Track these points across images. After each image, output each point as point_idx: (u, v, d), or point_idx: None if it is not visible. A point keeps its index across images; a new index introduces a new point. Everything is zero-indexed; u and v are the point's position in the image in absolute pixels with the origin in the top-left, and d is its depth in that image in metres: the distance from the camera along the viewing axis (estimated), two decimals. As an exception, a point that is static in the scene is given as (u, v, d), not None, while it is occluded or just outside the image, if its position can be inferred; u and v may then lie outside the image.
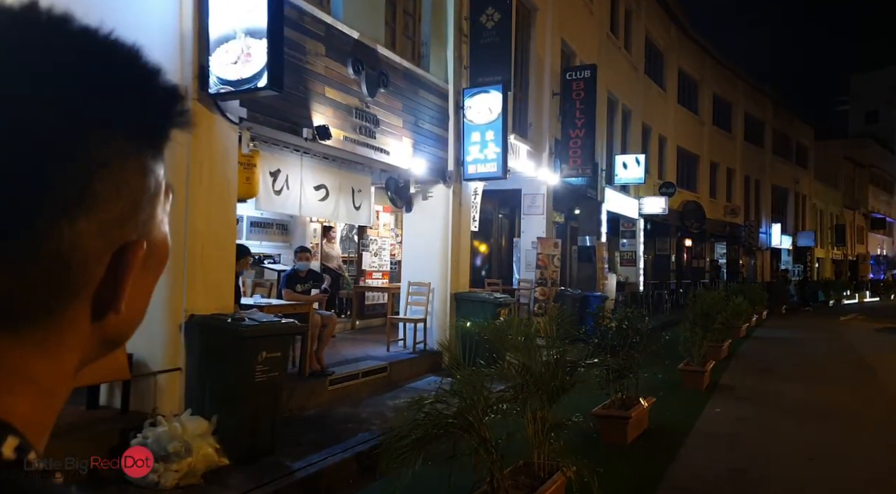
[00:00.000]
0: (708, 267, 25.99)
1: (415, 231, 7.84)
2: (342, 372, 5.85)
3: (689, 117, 23.77)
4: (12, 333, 0.37)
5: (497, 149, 7.54)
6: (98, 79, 0.38)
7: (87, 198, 0.37)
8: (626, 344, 5.24)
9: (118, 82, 0.39)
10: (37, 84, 0.36)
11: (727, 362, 9.92)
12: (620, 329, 5.28)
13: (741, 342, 12.75)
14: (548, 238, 11.02)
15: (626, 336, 5.26)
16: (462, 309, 7.71)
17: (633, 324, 5.32)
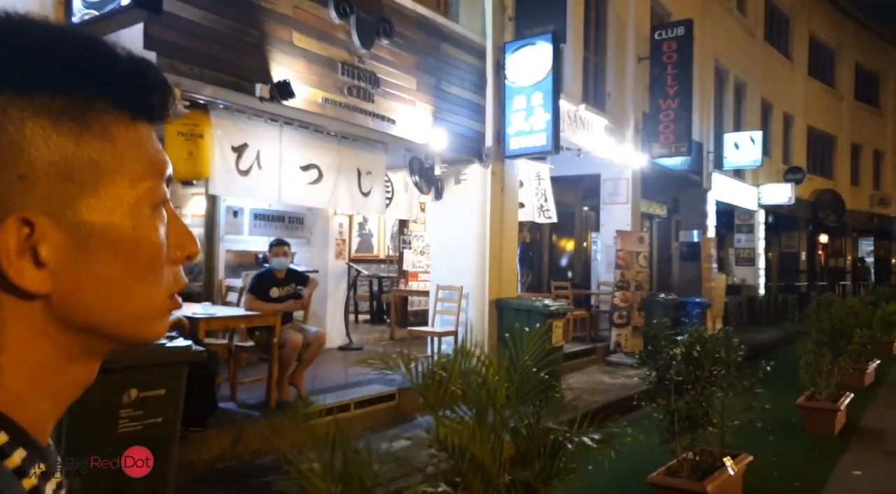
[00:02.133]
0: (849, 266, 22.09)
1: (446, 222, 6.46)
2: (328, 401, 4.60)
3: (823, 91, 20.25)
4: None
5: (546, 116, 5.97)
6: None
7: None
8: (700, 378, 3.52)
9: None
10: None
11: (872, 392, 7.56)
12: (690, 357, 3.56)
13: (894, 363, 10.03)
14: (631, 231, 9.15)
15: (700, 366, 3.54)
16: (505, 319, 6.22)
17: (711, 350, 3.58)
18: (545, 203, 8.42)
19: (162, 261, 0.45)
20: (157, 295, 0.45)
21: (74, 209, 0.40)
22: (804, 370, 5.73)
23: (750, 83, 15.65)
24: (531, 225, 11.79)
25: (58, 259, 0.40)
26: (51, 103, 0.39)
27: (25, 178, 0.38)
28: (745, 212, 16.09)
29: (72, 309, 0.42)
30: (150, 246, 0.44)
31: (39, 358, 0.42)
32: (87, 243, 0.41)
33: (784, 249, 19.57)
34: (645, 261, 8.97)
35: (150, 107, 0.43)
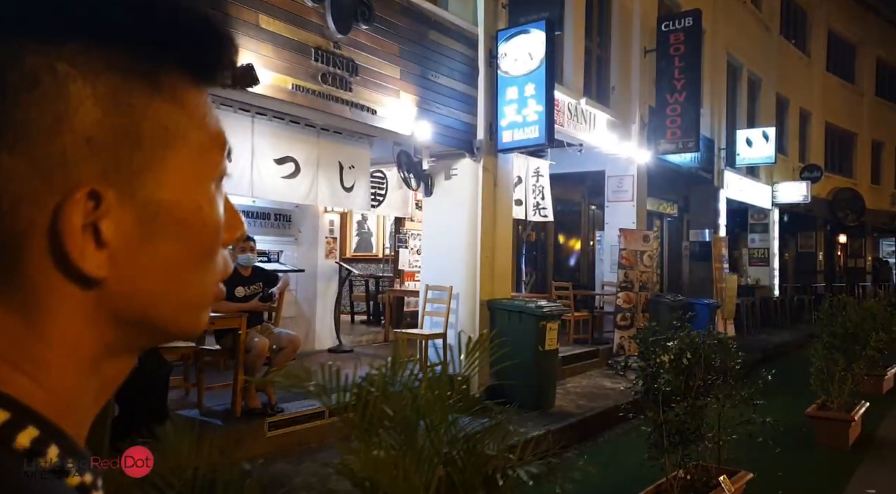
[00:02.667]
0: (870, 267, 21.43)
1: (435, 219, 6.17)
2: (298, 409, 4.33)
3: (843, 87, 19.65)
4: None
5: (539, 108, 5.66)
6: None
7: (4, 128, 0.32)
8: (691, 389, 3.20)
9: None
10: None
11: (891, 400, 7.14)
12: (679, 365, 3.24)
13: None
14: (635, 230, 8.79)
15: (691, 375, 3.22)
16: (497, 321, 5.92)
17: (704, 357, 3.26)
18: (542, 201, 8.11)
19: (220, 243, 0.41)
20: (212, 282, 0.41)
21: (142, 182, 0.36)
22: (815, 376, 5.35)
23: (765, 79, 15.16)
24: (536, 223, 11.48)
25: (121, 239, 0.36)
26: (121, 57, 0.35)
27: (93, 143, 0.34)
28: (760, 211, 15.61)
29: (129, 296, 0.37)
30: (214, 226, 0.40)
31: (87, 354, 0.37)
32: (152, 222, 0.36)
33: (801, 249, 19.02)
34: (650, 261, 8.61)
35: (219, 68, 0.38)
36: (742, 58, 13.98)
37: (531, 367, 5.71)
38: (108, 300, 0.36)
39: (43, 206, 0.33)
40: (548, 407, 5.81)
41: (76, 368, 0.36)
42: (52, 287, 0.35)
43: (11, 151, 0.33)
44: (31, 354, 0.35)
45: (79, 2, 0.34)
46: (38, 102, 0.32)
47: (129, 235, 0.36)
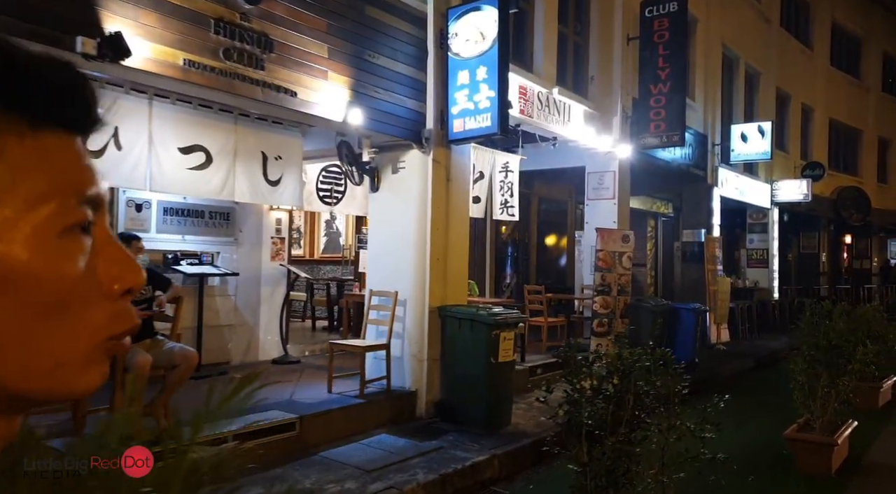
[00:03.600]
0: (876, 269, 20.69)
1: (382, 218, 5.62)
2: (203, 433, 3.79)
3: (848, 82, 18.93)
4: None
5: (490, 93, 5.09)
6: None
7: None
8: (620, 421, 2.64)
9: None
10: None
11: (887, 415, 6.53)
12: (604, 392, 2.67)
13: (917, 377, 8.91)
14: (613, 229, 8.21)
15: (622, 404, 2.65)
16: (448, 330, 5.36)
17: (631, 383, 2.69)
18: (510, 198, 7.55)
19: (82, 298, 0.38)
20: (81, 340, 0.38)
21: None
22: (797, 392, 4.76)
23: (764, 72, 14.52)
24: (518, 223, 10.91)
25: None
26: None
27: None
28: (758, 211, 14.97)
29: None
30: (57, 279, 0.36)
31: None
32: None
33: (803, 250, 18.34)
34: (629, 263, 8.02)
35: (57, 111, 0.36)
36: (739, 50, 13.34)
37: (483, 381, 5.16)
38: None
39: None
40: (503, 424, 5.25)
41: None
42: None
43: None
44: None
45: None
46: None
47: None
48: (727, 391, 7.93)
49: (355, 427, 4.64)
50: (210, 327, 5.70)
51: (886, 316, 7.62)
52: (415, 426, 5.04)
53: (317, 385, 5.24)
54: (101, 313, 0.38)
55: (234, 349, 6.11)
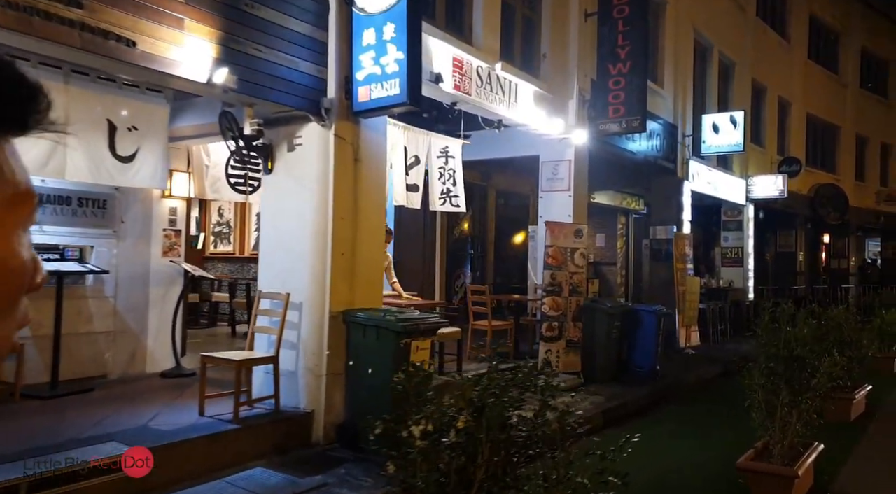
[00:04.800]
0: (854, 268, 20.21)
1: (276, 205, 4.80)
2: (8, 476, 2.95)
3: (826, 77, 18.42)
4: None
5: (399, 55, 4.30)
6: None
7: None
8: (473, 481, 1.85)
9: None
10: None
11: (859, 430, 5.84)
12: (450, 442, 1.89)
13: (894, 382, 8.28)
14: (565, 223, 7.45)
15: (472, 457, 1.87)
16: (353, 338, 4.56)
17: (485, 427, 1.91)
18: (453, 187, 6.76)
19: (23, 292, 0.41)
20: (11, 331, 0.41)
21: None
22: (755, 412, 4.03)
23: (739, 62, 13.89)
24: (473, 215, 10.15)
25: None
26: None
27: None
28: (733, 207, 14.34)
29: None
30: (20, 274, 0.40)
31: None
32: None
33: (780, 249, 17.78)
34: (582, 260, 7.27)
35: (14, 115, 0.39)
36: (712, 37, 12.69)
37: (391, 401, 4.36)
38: None
39: None
40: (415, 447, 4.45)
41: None
42: None
43: None
44: None
45: None
46: None
47: None
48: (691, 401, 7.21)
49: (226, 460, 3.81)
50: (77, 335, 4.85)
51: (860, 319, 6.97)
52: (305, 455, 4.22)
53: (188, 406, 4.40)
54: (22, 308, 0.41)
55: (114, 360, 5.25)
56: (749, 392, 3.97)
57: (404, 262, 9.14)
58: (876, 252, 22.24)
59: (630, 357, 7.80)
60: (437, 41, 5.70)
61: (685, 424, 6.07)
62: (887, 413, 6.64)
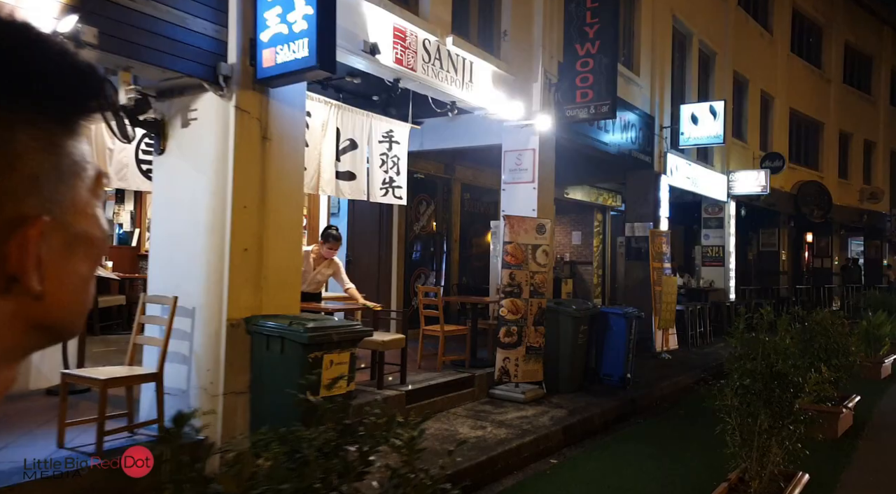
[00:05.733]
0: (837, 268, 19.81)
1: (168, 192, 4.06)
2: None
3: (809, 71, 17.96)
4: None
5: (307, 10, 3.57)
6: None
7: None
8: None
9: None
10: None
11: (850, 446, 5.21)
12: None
13: (882, 390, 7.71)
14: (525, 217, 6.76)
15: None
16: (257, 351, 3.83)
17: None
18: (396, 177, 6.04)
19: (101, 261, 0.47)
20: (90, 297, 0.46)
21: (65, 210, 0.42)
22: (728, 437, 3.36)
23: (720, 53, 13.33)
24: (436, 211, 9.45)
25: (53, 260, 0.41)
26: (47, 109, 0.41)
27: (36, 180, 0.40)
28: (714, 204, 13.78)
29: (48, 306, 0.42)
30: (102, 244, 0.46)
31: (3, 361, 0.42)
32: (73, 242, 0.43)
33: (763, 248, 17.29)
34: (545, 258, 6.59)
35: (97, 111, 0.44)
36: (692, 25, 12.10)
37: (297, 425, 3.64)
38: (30, 311, 0.41)
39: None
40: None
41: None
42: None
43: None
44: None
45: (23, 79, 0.39)
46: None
47: (58, 256, 0.41)
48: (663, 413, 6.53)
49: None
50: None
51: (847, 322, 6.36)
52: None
53: (71, 431, 3.63)
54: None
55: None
56: (721, 415, 3.30)
57: (358, 264, 8.42)
58: (859, 251, 21.88)
59: (598, 364, 7.15)
60: (373, 6, 4.98)
61: (654, 441, 5.41)
62: (877, 427, 6.04)
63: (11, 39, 0.39)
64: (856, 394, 6.09)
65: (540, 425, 5.46)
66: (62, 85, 0.41)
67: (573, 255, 14.19)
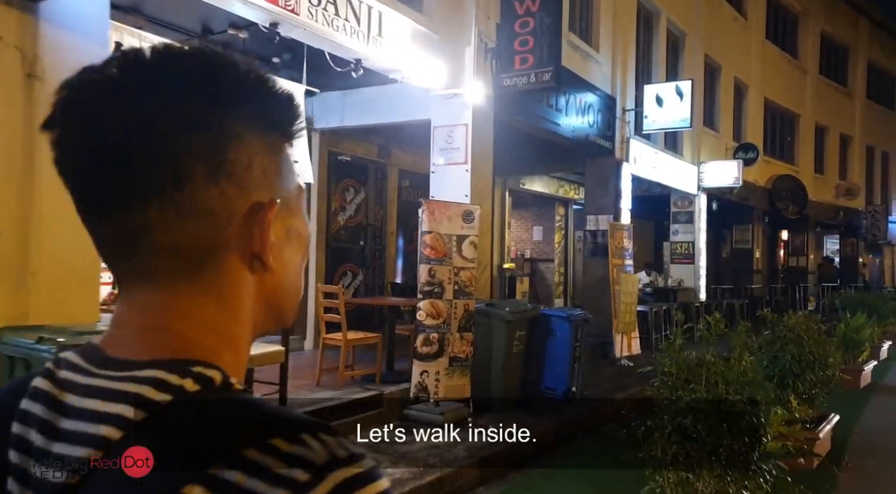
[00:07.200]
0: (813, 266, 19.09)
1: None
2: None
3: (784, 61, 17.19)
4: (187, 279, 0.47)
5: None
6: (226, 87, 0.48)
7: (225, 165, 0.46)
8: None
9: (241, 91, 0.48)
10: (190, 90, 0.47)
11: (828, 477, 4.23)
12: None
13: (862, 403, 6.80)
14: (450, 203, 5.69)
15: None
16: (2, 375, 2.69)
17: None
18: (302, 159, 4.91)
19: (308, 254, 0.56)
20: (301, 287, 0.55)
21: (286, 203, 0.51)
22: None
23: (690, 34, 12.41)
24: (367, 199, 8.35)
25: (278, 243, 0.50)
26: (271, 123, 0.51)
27: (265, 174, 0.49)
28: (684, 197, 12.86)
29: (276, 285, 0.51)
30: (308, 242, 0.55)
31: (252, 331, 0.51)
32: (289, 232, 0.52)
33: (736, 245, 16.46)
34: (473, 252, 5.53)
35: (299, 127, 0.54)
36: (660, 2, 11.15)
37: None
38: (264, 287, 0.50)
39: (236, 218, 0.47)
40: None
41: (249, 340, 0.51)
42: (241, 279, 0.49)
43: (229, 180, 0.47)
44: (231, 335, 0.48)
45: (259, 96, 0.49)
46: (238, 151, 0.47)
47: (281, 239, 0.50)
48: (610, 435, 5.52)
49: None
50: None
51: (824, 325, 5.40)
52: None
53: None
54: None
55: None
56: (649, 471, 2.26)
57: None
58: (834, 250, 21.24)
59: (540, 377, 6.11)
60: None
61: (595, 479, 4.39)
62: (860, 451, 5.08)
63: (254, 74, 0.49)
64: (833, 413, 5.12)
65: (451, 458, 4.40)
66: (277, 108, 0.51)
67: (534, 252, 13.19)
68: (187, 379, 0.43)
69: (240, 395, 0.44)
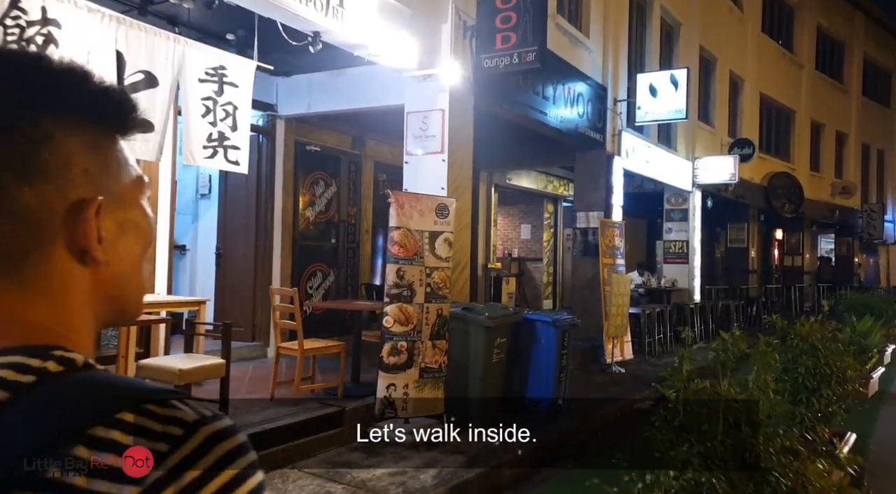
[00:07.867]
0: (808, 266, 18.65)
1: None
2: None
3: (780, 55, 16.72)
4: (11, 277, 0.48)
5: None
6: (29, 89, 0.49)
7: (38, 167, 0.48)
8: None
9: (49, 91, 0.49)
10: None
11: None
12: None
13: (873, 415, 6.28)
14: (421, 195, 5.09)
15: None
16: None
17: None
18: (232, 133, 4.32)
19: (152, 244, 0.57)
20: (148, 277, 0.57)
21: (114, 198, 0.52)
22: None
23: (685, 24, 11.89)
24: (339, 193, 7.74)
25: (109, 236, 0.51)
26: (92, 119, 0.52)
27: (87, 172, 0.50)
28: (678, 194, 12.34)
29: (114, 277, 0.52)
30: (151, 231, 0.56)
31: (91, 319, 0.53)
32: (123, 225, 0.53)
33: (731, 244, 15.97)
34: (447, 250, 4.93)
35: (128, 127, 0.55)
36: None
37: None
38: (102, 280, 0.51)
39: (56, 216, 0.48)
40: None
41: (90, 332, 0.53)
42: (71, 273, 0.50)
43: (45, 180, 0.48)
44: (69, 324, 0.50)
45: (72, 92, 0.51)
46: (52, 152, 0.48)
47: (113, 234, 0.51)
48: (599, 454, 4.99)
49: None
50: None
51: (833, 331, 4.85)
52: None
53: None
54: (150, 261, 0.58)
55: None
56: None
57: (230, 257, 6.69)
58: (829, 249, 20.84)
59: (523, 388, 5.54)
60: None
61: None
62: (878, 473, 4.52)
63: (66, 70, 0.50)
64: (850, 432, 4.58)
65: (417, 487, 3.81)
66: (98, 103, 0.52)
67: (522, 251, 12.62)
68: (49, 361, 0.46)
69: (105, 373, 0.47)
